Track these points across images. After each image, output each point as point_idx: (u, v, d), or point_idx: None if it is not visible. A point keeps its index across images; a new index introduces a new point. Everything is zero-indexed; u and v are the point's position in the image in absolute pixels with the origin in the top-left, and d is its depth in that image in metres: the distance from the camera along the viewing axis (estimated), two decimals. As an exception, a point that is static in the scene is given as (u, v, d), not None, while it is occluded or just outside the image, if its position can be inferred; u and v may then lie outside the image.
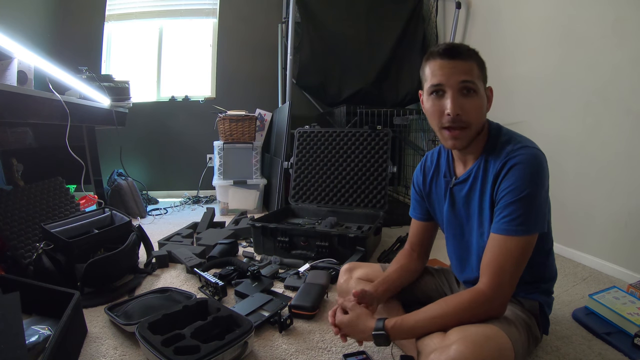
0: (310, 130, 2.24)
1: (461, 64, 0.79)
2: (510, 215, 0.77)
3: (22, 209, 1.56)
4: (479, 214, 0.86)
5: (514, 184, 0.77)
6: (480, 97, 0.81)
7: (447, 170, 0.95)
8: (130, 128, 2.80)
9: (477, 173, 0.86)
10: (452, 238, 0.97)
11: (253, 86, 3.33)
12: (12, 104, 1.50)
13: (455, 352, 0.67)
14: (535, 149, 0.80)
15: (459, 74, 0.78)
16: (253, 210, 2.67)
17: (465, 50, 0.81)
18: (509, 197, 0.77)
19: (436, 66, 0.81)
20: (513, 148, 0.80)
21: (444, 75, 0.79)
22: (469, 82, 0.79)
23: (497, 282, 0.76)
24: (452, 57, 0.79)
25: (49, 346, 0.80)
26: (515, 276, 0.77)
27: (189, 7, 3.35)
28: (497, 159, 0.81)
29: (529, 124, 1.89)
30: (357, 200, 2.05)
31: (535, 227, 0.77)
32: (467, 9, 2.49)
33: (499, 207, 0.79)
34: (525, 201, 0.76)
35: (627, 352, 0.95)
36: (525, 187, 0.76)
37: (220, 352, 0.85)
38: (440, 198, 0.97)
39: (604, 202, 1.54)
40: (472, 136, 0.83)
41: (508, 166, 0.78)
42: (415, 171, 1.06)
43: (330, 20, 2.73)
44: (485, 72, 0.85)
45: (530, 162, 0.77)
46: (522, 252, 0.77)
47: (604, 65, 1.52)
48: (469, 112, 0.79)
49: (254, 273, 1.33)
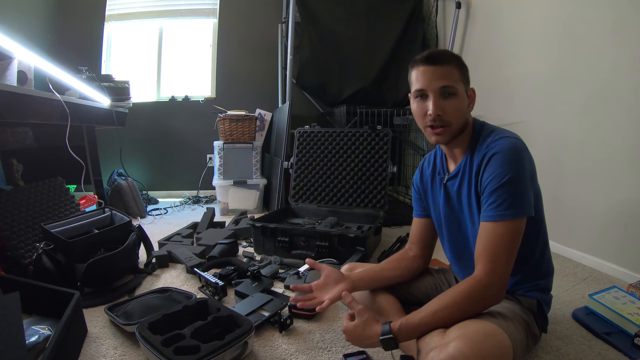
0: (310, 130, 2.24)
1: (441, 69, 0.85)
2: (496, 201, 0.80)
3: (22, 209, 1.56)
4: (468, 206, 0.90)
5: (495, 171, 0.81)
6: (460, 98, 0.86)
7: (441, 167, 1.00)
8: (130, 128, 2.80)
9: (464, 168, 0.91)
10: (449, 235, 0.99)
11: (253, 86, 3.33)
12: (12, 104, 1.50)
13: (454, 349, 0.67)
14: (514, 138, 0.84)
15: (438, 79, 0.85)
16: (253, 210, 2.67)
17: (446, 56, 0.87)
18: (492, 184, 0.81)
19: (419, 72, 0.87)
20: (492, 139, 0.85)
21: (425, 80, 0.86)
22: (448, 86, 0.85)
23: (492, 268, 0.78)
24: (432, 63, 0.85)
25: (49, 346, 0.80)
26: (509, 261, 0.79)
27: (189, 7, 3.35)
28: (480, 152, 0.86)
29: (529, 123, 1.89)
30: (357, 200, 2.05)
31: (522, 211, 0.80)
32: (467, 9, 2.49)
33: (485, 196, 0.83)
34: (509, 186, 0.79)
35: (627, 352, 0.95)
36: (506, 173, 0.79)
37: (220, 352, 0.85)
38: (437, 195, 1.00)
39: (604, 202, 1.54)
40: (454, 132, 0.88)
41: (488, 156, 0.83)
42: (415, 173, 1.11)
43: (330, 20, 2.73)
44: (467, 75, 0.90)
45: (508, 150, 0.81)
46: (513, 236, 0.79)
47: (604, 65, 1.52)
48: (449, 112, 0.86)
49: (254, 273, 1.33)
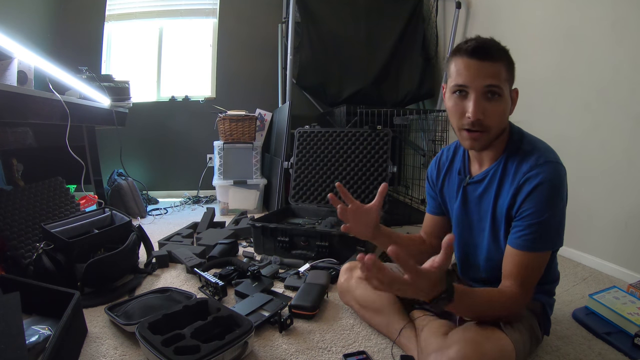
0: (310, 130, 2.24)
1: (489, 66, 0.75)
2: (532, 235, 0.77)
3: (22, 209, 1.55)
4: (491, 217, 0.86)
5: (535, 206, 0.76)
6: (504, 101, 0.78)
7: (461, 167, 0.93)
8: (130, 128, 2.79)
9: (493, 176, 0.85)
10: (460, 236, 0.97)
11: (253, 86, 3.32)
12: (12, 104, 1.50)
13: (455, 352, 0.67)
14: (558, 164, 0.79)
15: (484, 77, 0.75)
16: (253, 210, 2.67)
17: (495, 50, 0.76)
18: (531, 218, 0.77)
19: (462, 65, 0.76)
20: (537, 162, 0.78)
21: (469, 76, 0.75)
22: (494, 86, 0.75)
23: (526, 291, 0.78)
24: (480, 58, 0.75)
25: (49, 346, 0.80)
26: (535, 282, 0.80)
27: (189, 7, 3.34)
28: (518, 169, 0.80)
29: (529, 124, 1.87)
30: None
31: (554, 245, 0.81)
32: (467, 9, 2.49)
33: (520, 225, 0.79)
34: (547, 224, 0.77)
35: (627, 352, 0.95)
36: (547, 209, 0.76)
37: (220, 352, 0.85)
38: (452, 194, 0.96)
39: (604, 202, 1.54)
40: (492, 139, 0.81)
41: (531, 185, 0.76)
42: (430, 165, 1.05)
43: (330, 20, 2.73)
44: (514, 73, 0.81)
45: (552, 182, 0.76)
46: (542, 264, 0.80)
47: (604, 65, 1.52)
48: (491, 116, 0.77)
49: (254, 273, 1.33)
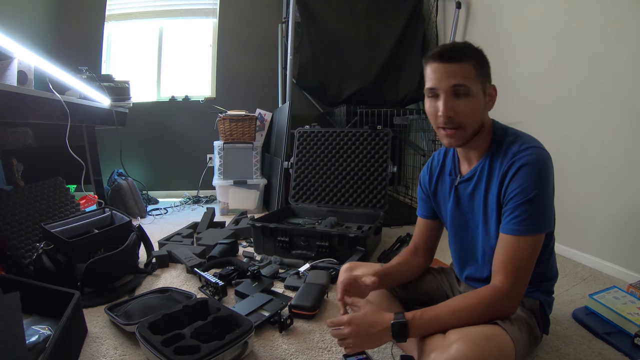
0: (310, 130, 2.24)
1: (454, 67, 0.79)
2: (521, 216, 0.78)
3: (22, 209, 1.55)
4: (483, 211, 0.87)
5: (522, 185, 0.78)
6: (475, 98, 0.81)
7: (452, 168, 0.96)
8: (130, 128, 2.79)
9: (481, 171, 0.87)
10: (455, 235, 0.98)
11: (253, 86, 3.33)
12: (12, 104, 1.50)
13: (456, 351, 0.67)
14: (541, 149, 0.81)
15: (450, 77, 0.79)
16: (253, 210, 2.67)
17: (459, 51, 0.80)
18: (518, 198, 0.78)
19: (431, 69, 0.82)
20: (520, 148, 0.81)
21: (436, 78, 0.81)
22: (461, 85, 0.79)
23: (513, 281, 0.77)
24: (445, 60, 0.80)
25: (49, 346, 0.80)
26: (528, 274, 0.79)
27: (189, 7, 3.35)
28: (504, 159, 0.82)
29: (529, 124, 1.89)
30: (357, 200, 2.05)
31: (544, 226, 0.79)
32: (467, 9, 2.49)
33: (509, 208, 0.80)
34: (535, 202, 0.77)
35: (627, 352, 0.95)
36: (533, 188, 0.77)
37: (220, 352, 0.85)
38: (445, 196, 0.98)
39: (604, 202, 1.54)
40: (469, 135, 0.84)
41: (515, 167, 0.79)
42: (422, 170, 1.07)
43: (330, 20, 2.73)
44: (487, 71, 0.84)
45: (537, 163, 0.78)
46: (533, 251, 0.79)
47: (604, 65, 1.52)
48: (461, 113, 0.81)
49: (254, 273, 1.33)
